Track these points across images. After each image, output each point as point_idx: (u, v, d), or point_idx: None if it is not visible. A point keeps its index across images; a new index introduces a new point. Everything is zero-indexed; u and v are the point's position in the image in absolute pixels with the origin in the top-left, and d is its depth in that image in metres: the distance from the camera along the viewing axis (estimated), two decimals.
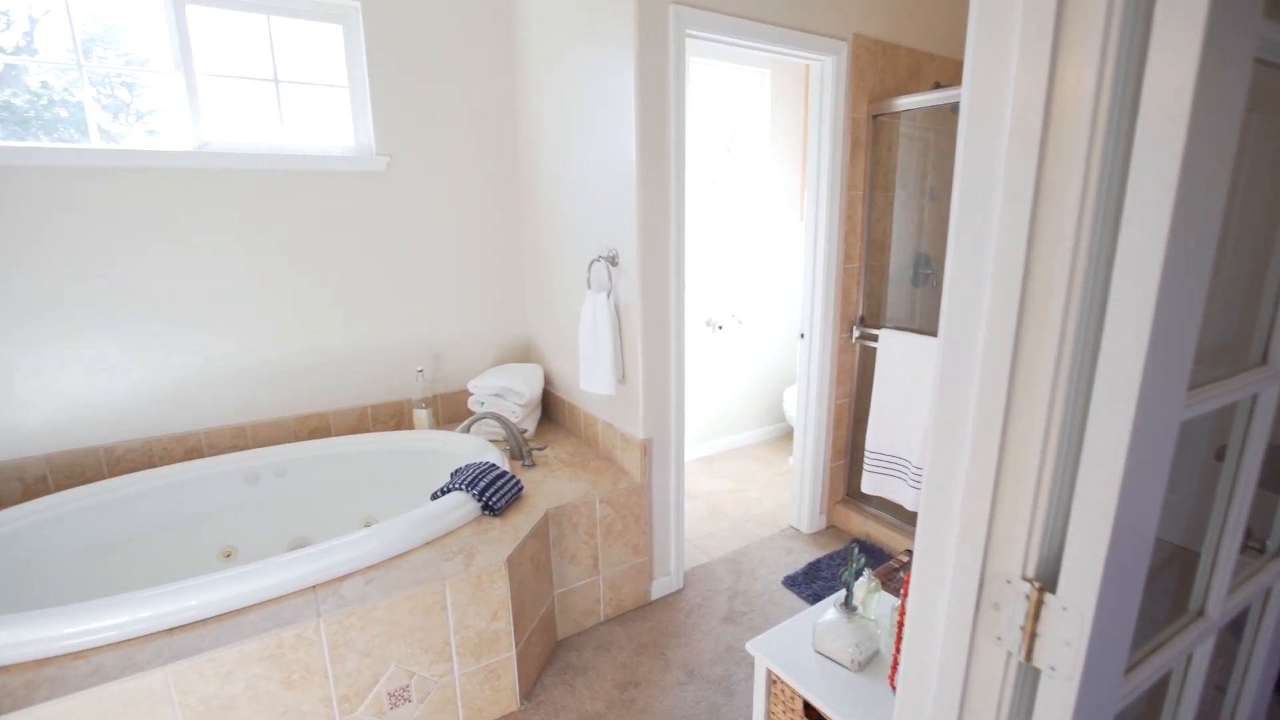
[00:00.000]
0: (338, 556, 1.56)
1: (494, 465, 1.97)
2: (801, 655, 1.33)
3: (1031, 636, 0.59)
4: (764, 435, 3.89)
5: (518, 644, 1.73)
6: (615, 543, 2.11)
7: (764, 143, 3.48)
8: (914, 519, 2.41)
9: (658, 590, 2.28)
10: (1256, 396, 0.81)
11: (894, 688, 1.20)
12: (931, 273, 2.67)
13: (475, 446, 2.21)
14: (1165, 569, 0.90)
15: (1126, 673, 0.66)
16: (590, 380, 2.20)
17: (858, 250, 2.56)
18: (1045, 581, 0.58)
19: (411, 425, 2.56)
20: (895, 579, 1.50)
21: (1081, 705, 0.58)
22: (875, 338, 2.52)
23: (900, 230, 2.65)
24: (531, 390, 2.48)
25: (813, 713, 1.29)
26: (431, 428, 2.48)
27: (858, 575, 1.31)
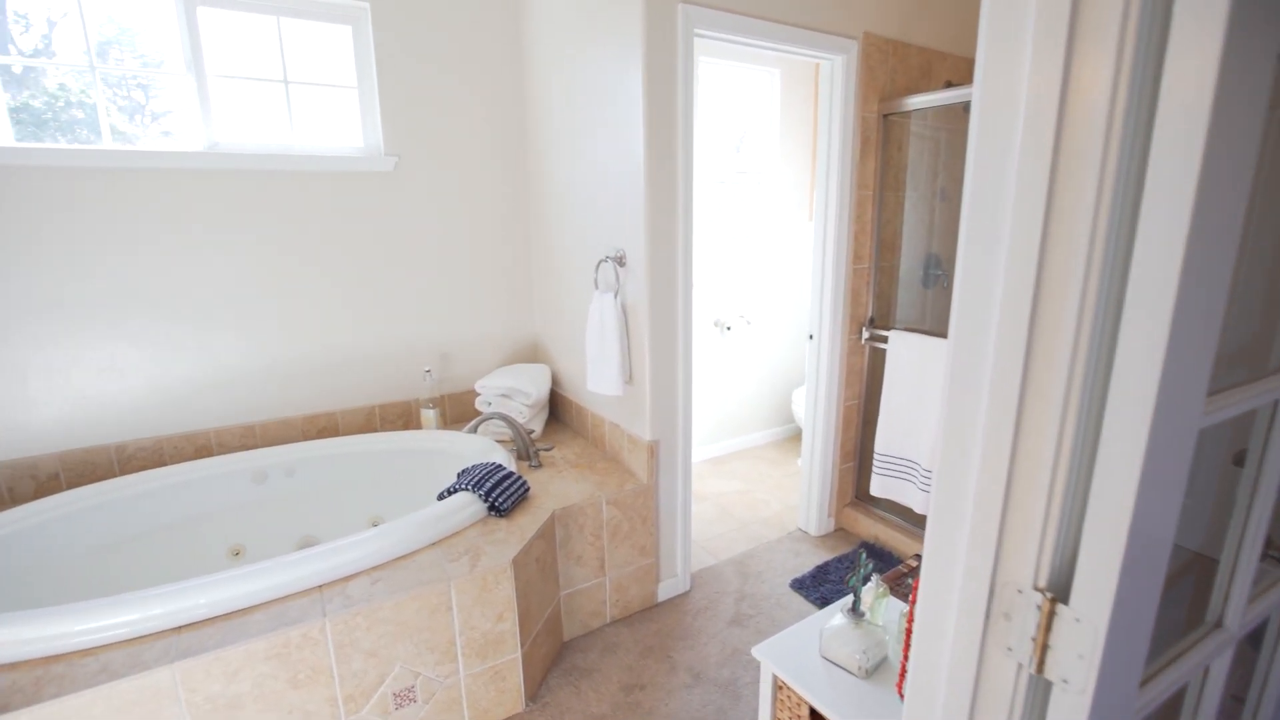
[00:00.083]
0: (344, 556, 1.56)
1: (500, 466, 1.96)
2: (808, 661, 1.31)
3: (1043, 648, 0.58)
4: (772, 436, 3.87)
5: (523, 645, 1.73)
6: (622, 544, 2.11)
7: (773, 142, 3.46)
8: (924, 522, 2.39)
9: (664, 592, 2.27)
10: (1278, 402, 0.78)
11: (902, 695, 1.18)
12: (942, 274, 2.65)
13: (482, 447, 2.21)
14: (1182, 576, 0.88)
15: (1141, 686, 0.65)
16: (597, 381, 2.19)
17: (867, 251, 2.54)
18: (1057, 592, 0.57)
19: (419, 425, 2.56)
20: (904, 584, 1.48)
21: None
22: (885, 339, 2.49)
23: (911, 230, 2.62)
24: (539, 391, 2.48)
25: (819, 719, 1.27)
26: (439, 428, 2.49)
27: (865, 580, 1.30)
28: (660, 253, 2.01)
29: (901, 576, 1.52)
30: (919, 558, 1.40)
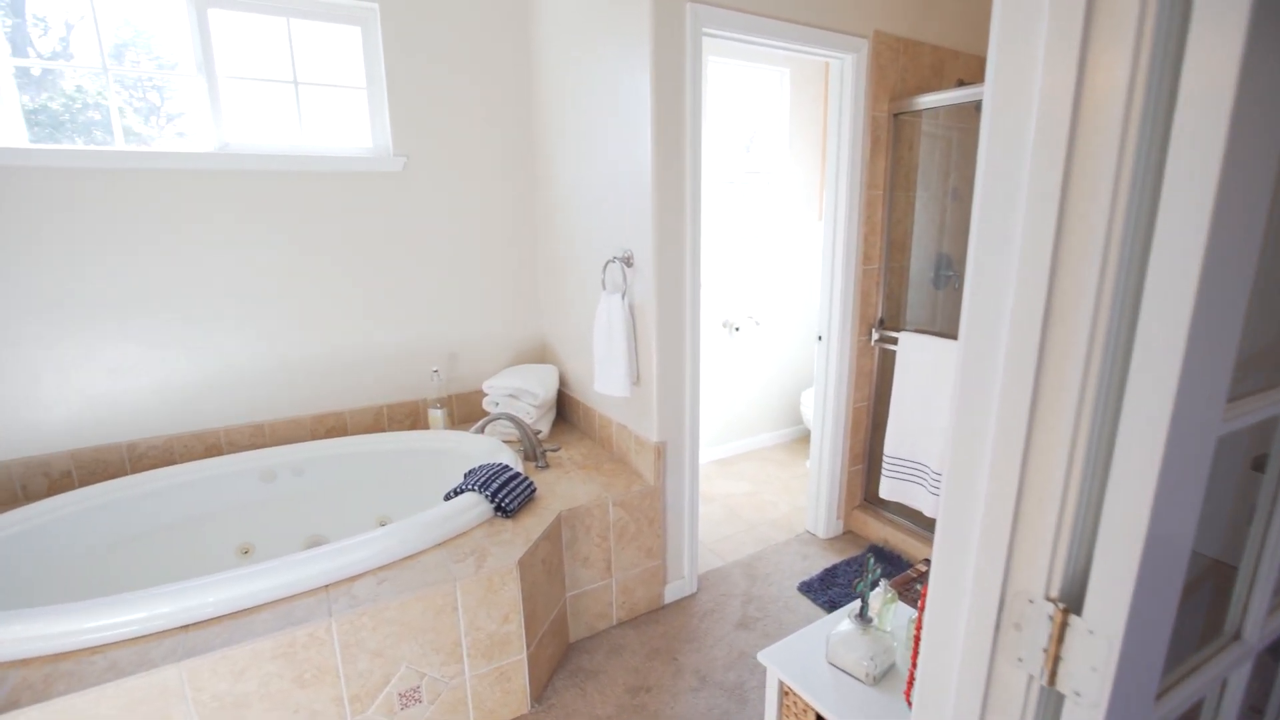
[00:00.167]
0: (350, 556, 1.57)
1: (507, 466, 1.96)
2: (815, 667, 1.30)
3: (1055, 659, 0.56)
4: (781, 438, 3.84)
5: (529, 646, 1.72)
6: (628, 546, 2.10)
7: (783, 142, 3.44)
8: (933, 525, 2.35)
9: (671, 594, 2.26)
10: None
11: (909, 703, 1.16)
12: (953, 274, 2.62)
13: (489, 447, 2.21)
14: (1199, 584, 0.86)
15: (1157, 699, 0.63)
16: (604, 382, 2.19)
17: (877, 251, 2.51)
18: (1070, 602, 0.55)
19: (426, 425, 2.57)
20: (913, 590, 1.46)
21: None
22: (895, 340, 2.47)
23: (921, 231, 2.59)
24: (546, 391, 2.47)
25: None
26: (446, 428, 2.49)
27: (873, 585, 1.28)
28: (668, 253, 2.00)
29: (910, 582, 1.50)
30: (928, 562, 1.38)
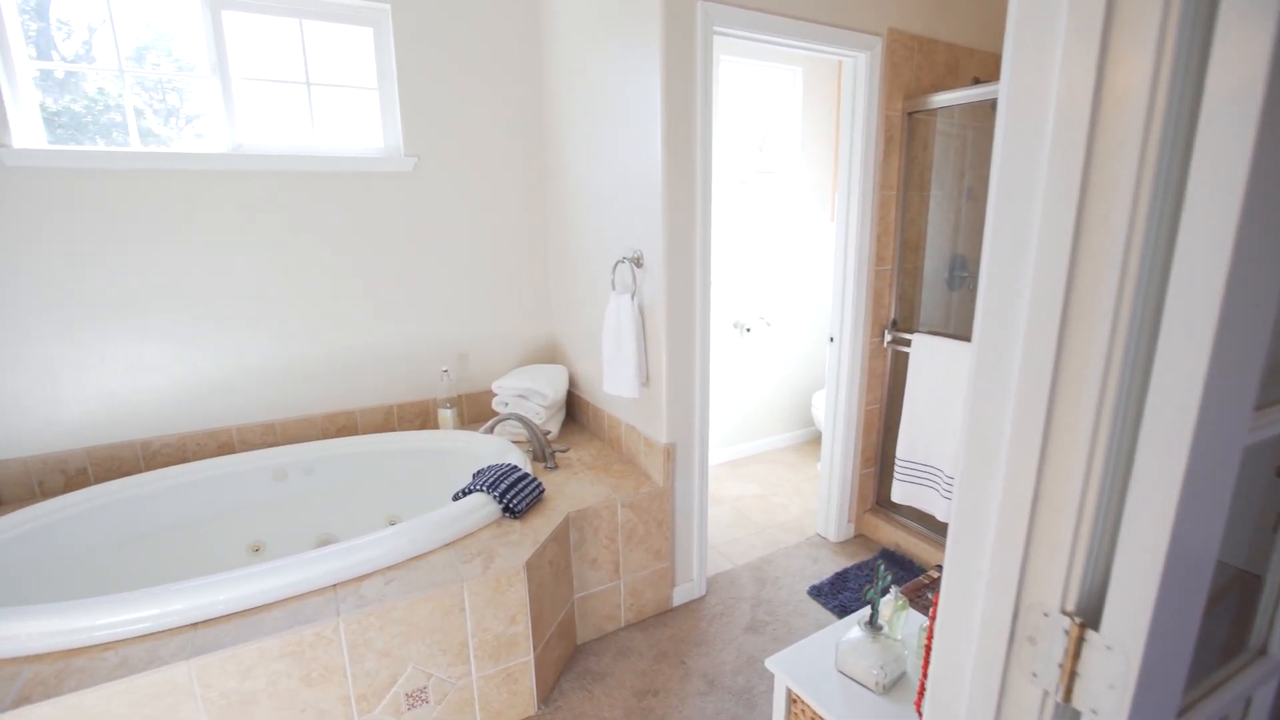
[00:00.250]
0: (358, 556, 1.57)
1: (516, 467, 1.96)
2: (823, 674, 1.28)
3: (1071, 675, 0.54)
4: (792, 440, 3.82)
5: (536, 648, 1.72)
6: (637, 548, 2.09)
7: (795, 142, 3.41)
8: (946, 530, 2.32)
9: (679, 597, 2.25)
10: None
11: (920, 714, 1.14)
12: (968, 276, 2.58)
13: (498, 447, 2.21)
14: (1221, 595, 0.83)
15: (1178, 718, 0.61)
16: (614, 383, 2.18)
17: (890, 252, 2.48)
18: (1087, 617, 0.54)
19: (436, 425, 2.57)
20: (924, 597, 1.43)
21: None
22: (908, 342, 2.44)
23: (936, 231, 2.56)
24: (555, 392, 2.47)
25: None
26: (456, 428, 2.50)
27: (884, 592, 1.26)
28: (678, 254, 1.98)
29: (922, 588, 1.48)
30: (940, 569, 1.36)
